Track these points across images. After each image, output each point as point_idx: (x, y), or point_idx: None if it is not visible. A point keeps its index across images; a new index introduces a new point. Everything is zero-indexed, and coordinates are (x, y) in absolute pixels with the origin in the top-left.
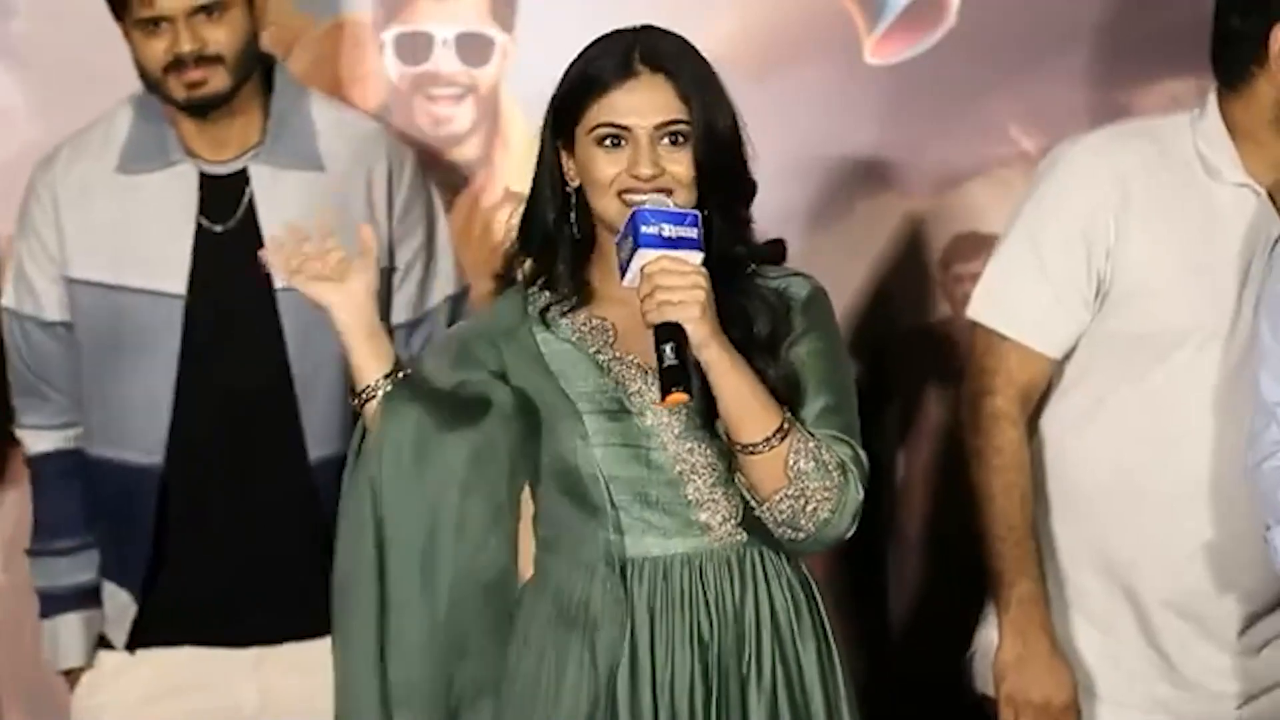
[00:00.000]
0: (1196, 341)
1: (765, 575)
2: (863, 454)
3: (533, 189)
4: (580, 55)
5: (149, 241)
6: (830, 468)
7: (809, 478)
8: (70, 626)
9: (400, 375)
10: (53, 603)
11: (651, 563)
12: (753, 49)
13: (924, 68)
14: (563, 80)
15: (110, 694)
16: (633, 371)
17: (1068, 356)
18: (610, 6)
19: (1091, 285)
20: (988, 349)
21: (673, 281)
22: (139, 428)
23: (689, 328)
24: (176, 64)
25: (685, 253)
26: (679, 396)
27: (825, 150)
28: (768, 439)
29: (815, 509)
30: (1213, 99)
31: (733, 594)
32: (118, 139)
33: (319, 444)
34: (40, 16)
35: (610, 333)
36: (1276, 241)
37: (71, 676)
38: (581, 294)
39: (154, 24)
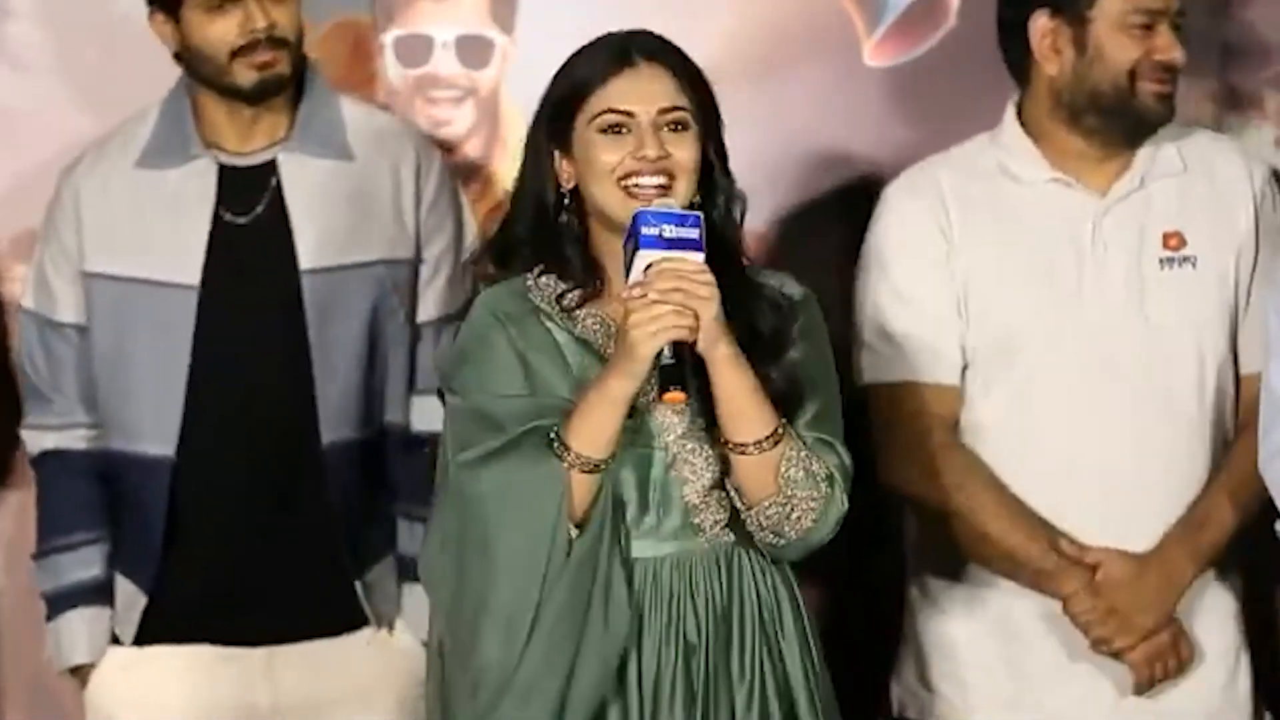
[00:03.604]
0: (1042, 340)
1: (753, 576)
2: (848, 460)
3: (518, 191)
4: (569, 60)
5: (165, 234)
6: (819, 478)
7: (797, 486)
8: (73, 623)
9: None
10: (57, 603)
11: (642, 564)
12: (753, 49)
13: (924, 69)
14: (553, 83)
15: (123, 690)
16: None
17: None
18: (610, 7)
19: (955, 301)
20: (896, 403)
21: (683, 284)
22: (152, 420)
23: (703, 323)
24: (249, 46)
25: (686, 253)
26: (677, 395)
27: (824, 151)
28: (760, 441)
29: (800, 517)
30: (1010, 107)
31: (721, 594)
32: (141, 137)
33: (332, 428)
34: (38, 19)
35: (613, 329)
36: None
37: (82, 674)
38: (594, 282)
39: (219, 5)
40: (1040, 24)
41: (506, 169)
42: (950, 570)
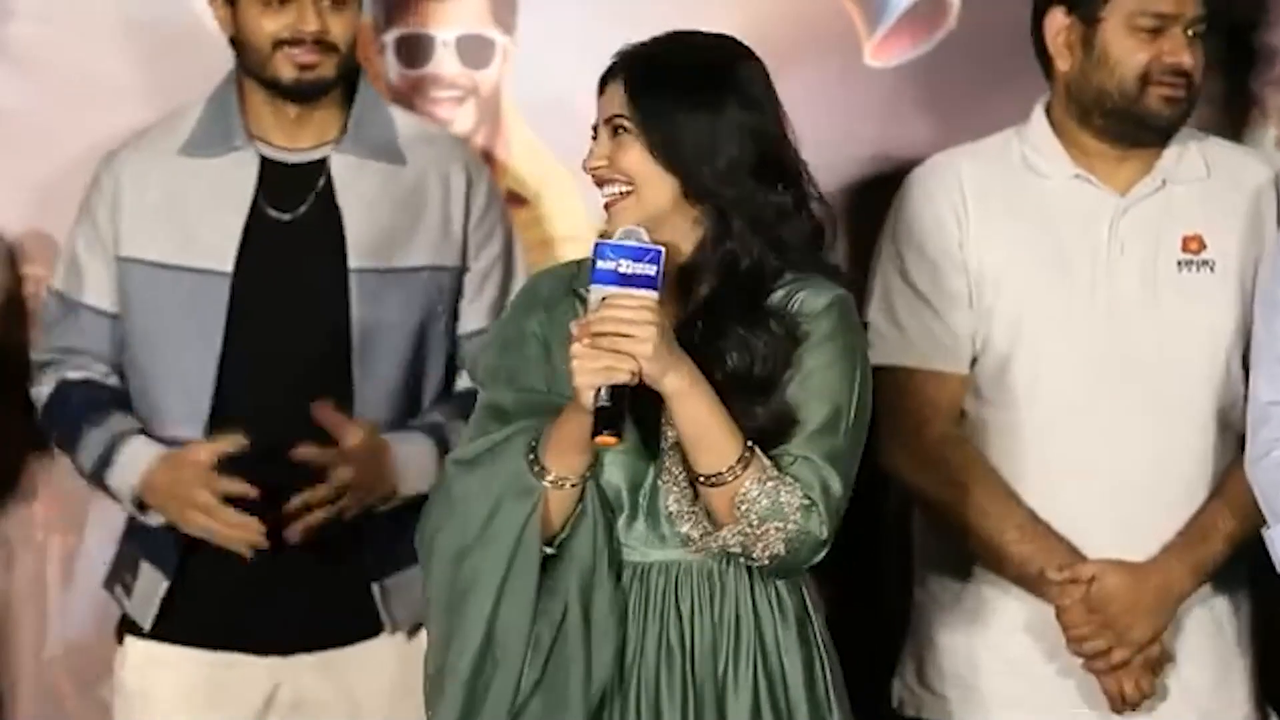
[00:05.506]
0: (1053, 335)
1: (750, 588)
2: (835, 484)
3: None
4: None
5: (203, 222)
6: (788, 508)
7: (760, 517)
8: (123, 452)
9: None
10: (100, 466)
11: (630, 568)
12: (753, 50)
13: (924, 69)
14: None
15: (140, 687)
16: None
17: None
18: (610, 8)
19: (965, 290)
20: (897, 389)
21: (624, 317)
22: (180, 404)
23: (643, 365)
24: (293, 41)
25: (639, 291)
26: (607, 440)
27: (825, 151)
28: (720, 473)
29: (766, 546)
30: (1039, 104)
31: (711, 606)
32: (186, 126)
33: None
34: (39, 19)
35: None
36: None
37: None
38: None
39: (280, 1)
40: (1055, 20)
41: (508, 168)
42: (952, 569)
